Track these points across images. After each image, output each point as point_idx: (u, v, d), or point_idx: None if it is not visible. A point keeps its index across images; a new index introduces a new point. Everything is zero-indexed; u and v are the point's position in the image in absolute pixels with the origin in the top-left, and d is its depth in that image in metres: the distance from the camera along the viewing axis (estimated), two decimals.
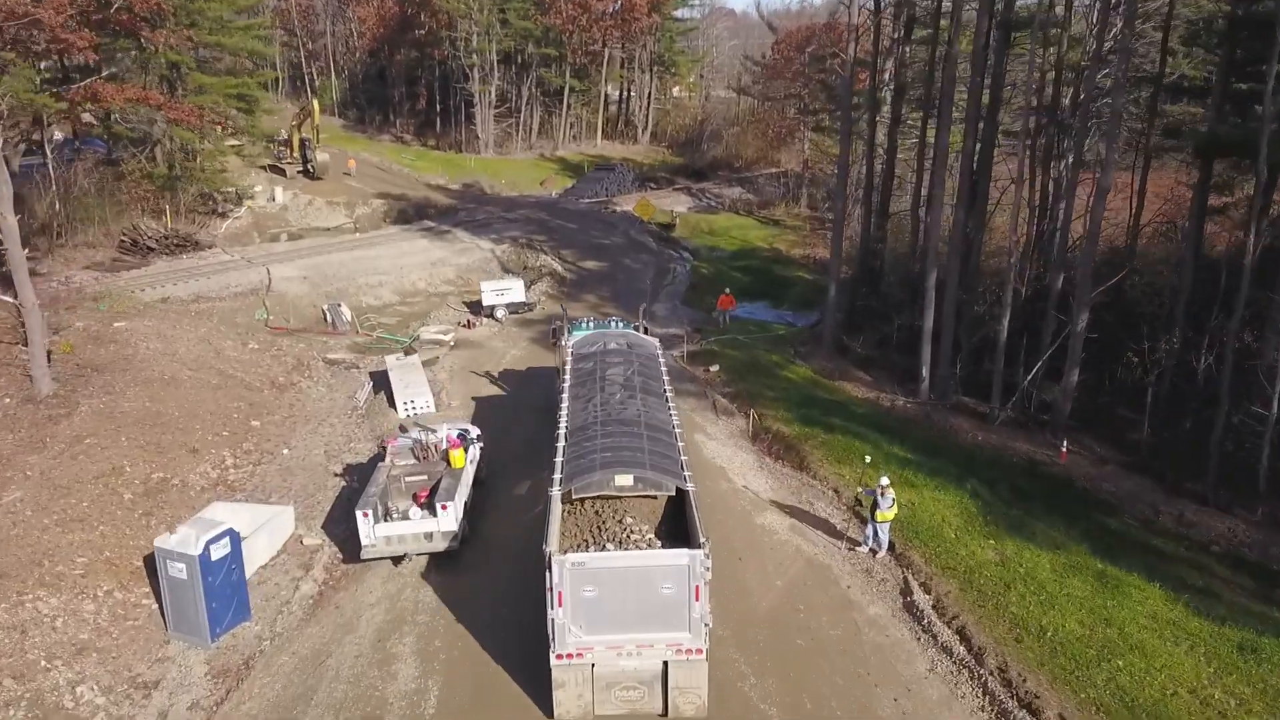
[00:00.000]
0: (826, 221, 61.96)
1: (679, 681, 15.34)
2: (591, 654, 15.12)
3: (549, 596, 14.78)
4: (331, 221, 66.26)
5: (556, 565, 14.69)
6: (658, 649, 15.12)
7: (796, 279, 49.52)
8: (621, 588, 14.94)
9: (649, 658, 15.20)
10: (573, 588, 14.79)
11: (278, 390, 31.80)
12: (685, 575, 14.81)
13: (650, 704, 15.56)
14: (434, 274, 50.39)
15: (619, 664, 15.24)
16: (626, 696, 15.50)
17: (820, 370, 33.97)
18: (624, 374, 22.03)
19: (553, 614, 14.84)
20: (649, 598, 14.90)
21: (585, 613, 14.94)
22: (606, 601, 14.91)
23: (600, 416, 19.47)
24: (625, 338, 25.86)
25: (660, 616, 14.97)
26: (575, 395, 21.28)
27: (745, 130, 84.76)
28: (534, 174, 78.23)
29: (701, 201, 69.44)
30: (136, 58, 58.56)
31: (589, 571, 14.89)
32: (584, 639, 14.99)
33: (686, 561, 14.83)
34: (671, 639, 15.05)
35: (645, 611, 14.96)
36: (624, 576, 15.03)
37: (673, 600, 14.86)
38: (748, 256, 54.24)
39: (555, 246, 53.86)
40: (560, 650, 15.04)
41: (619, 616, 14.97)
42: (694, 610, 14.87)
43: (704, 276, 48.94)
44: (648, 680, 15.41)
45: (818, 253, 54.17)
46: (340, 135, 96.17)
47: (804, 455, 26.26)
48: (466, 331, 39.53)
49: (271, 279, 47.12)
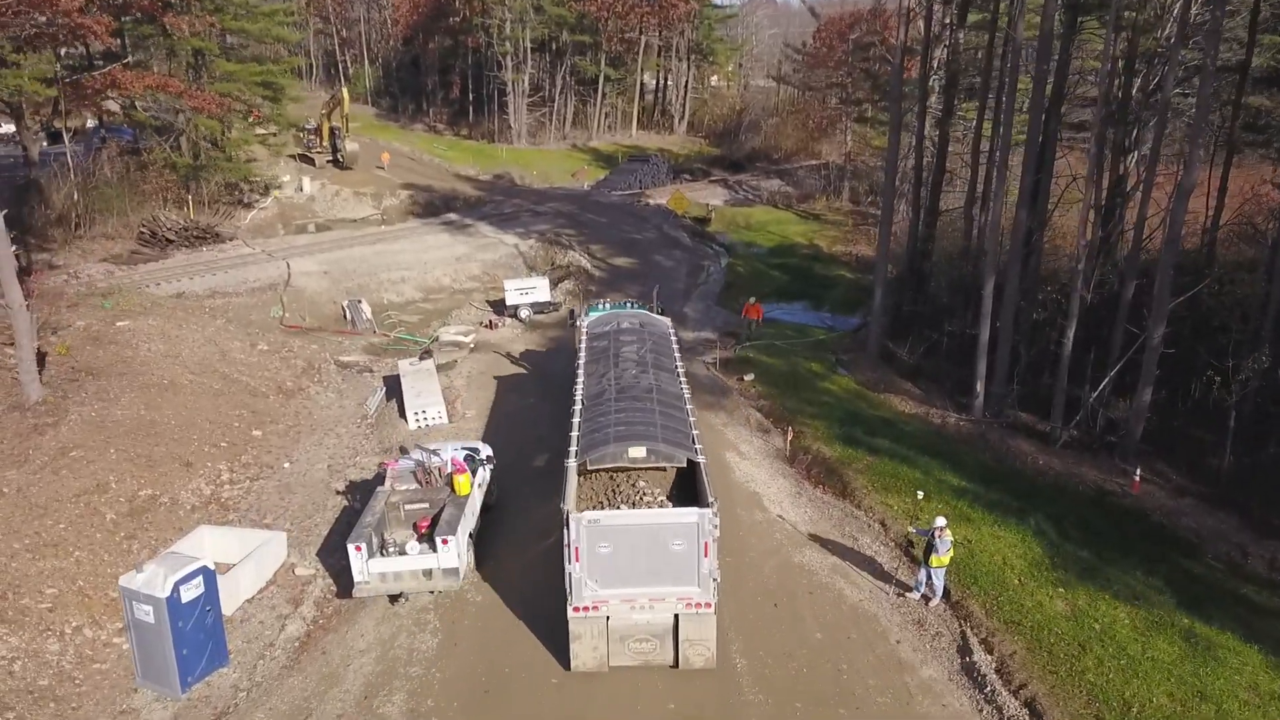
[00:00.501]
0: (869, 217, 59.07)
1: (689, 634, 15.97)
2: (606, 607, 15.78)
3: (566, 552, 15.46)
4: (358, 213, 64.58)
5: (574, 522, 15.34)
6: (669, 603, 15.77)
7: (838, 278, 46.79)
8: (635, 544, 15.58)
9: (660, 611, 15.85)
10: (589, 544, 15.44)
11: (284, 396, 29.87)
12: (695, 533, 15.42)
13: (662, 656, 16.21)
14: (458, 270, 48.37)
15: (632, 617, 15.90)
16: (639, 648, 16.17)
17: (864, 381, 31.34)
18: (637, 351, 22.83)
19: (570, 569, 15.51)
20: (660, 554, 15.56)
21: (600, 568, 15.59)
22: (621, 557, 15.56)
23: (614, 391, 20.10)
24: (638, 317, 26.48)
25: (671, 572, 15.63)
26: (590, 371, 21.98)
27: (785, 121, 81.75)
28: (566, 165, 76.00)
29: (738, 194, 66.76)
30: (161, 44, 57.21)
31: (604, 528, 15.53)
32: (599, 593, 15.66)
33: (696, 519, 15.44)
34: (682, 593, 15.70)
35: (657, 567, 15.62)
36: (637, 533, 15.66)
37: (683, 556, 15.52)
38: (786, 254, 51.56)
39: (584, 242, 51.58)
40: (577, 604, 15.70)
41: (632, 572, 15.62)
42: (703, 566, 15.52)
43: (740, 275, 46.38)
44: (659, 633, 16.06)
45: (860, 250, 51.35)
46: (373, 124, 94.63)
47: (847, 481, 23.73)
48: (488, 333, 37.38)
49: (291, 274, 45.36)
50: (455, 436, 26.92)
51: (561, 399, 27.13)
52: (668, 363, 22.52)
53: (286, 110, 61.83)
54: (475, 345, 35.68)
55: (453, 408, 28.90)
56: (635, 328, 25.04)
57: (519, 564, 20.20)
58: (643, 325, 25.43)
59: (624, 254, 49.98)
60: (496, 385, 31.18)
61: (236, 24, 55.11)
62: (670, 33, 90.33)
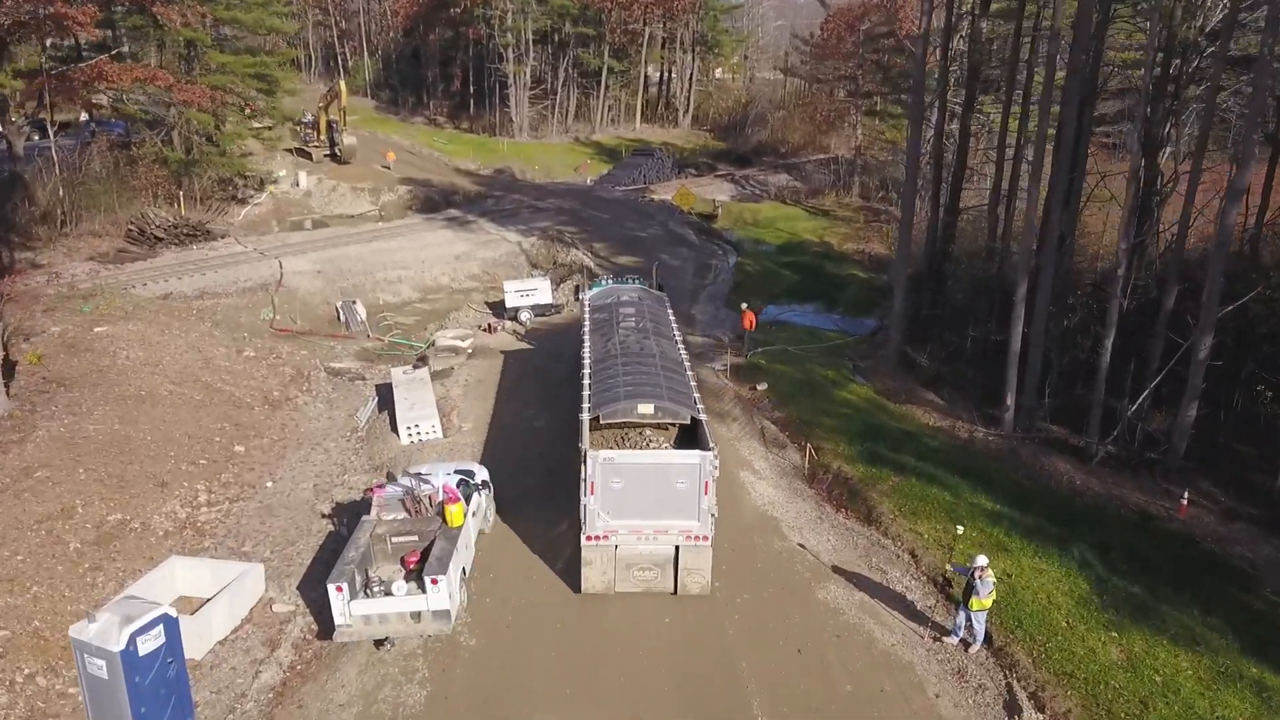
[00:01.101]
0: (881, 213, 57.10)
1: (688, 563, 17.69)
2: (615, 537, 17.46)
3: (582, 486, 17.13)
4: (356, 208, 62.66)
5: (590, 459, 16.96)
6: (671, 535, 17.46)
7: (850, 278, 44.82)
8: (643, 481, 17.17)
9: (663, 542, 17.56)
10: (602, 480, 17.01)
11: (270, 407, 28.00)
12: (696, 473, 17.01)
13: (663, 583, 17.91)
14: (457, 269, 46.47)
15: (638, 547, 17.58)
16: (643, 576, 17.79)
17: (884, 390, 29.44)
18: (637, 320, 24.66)
19: (585, 501, 17.18)
20: (665, 491, 17.13)
21: (612, 501, 17.19)
22: (630, 493, 17.15)
23: (620, 353, 21.79)
24: (637, 291, 28.41)
25: (674, 507, 17.23)
26: (594, 338, 23.68)
27: (792, 114, 79.60)
28: (568, 159, 73.99)
29: (745, 189, 64.74)
30: (153, 35, 55.23)
31: (616, 466, 17.10)
32: (610, 523, 17.30)
33: (698, 461, 17.05)
34: (683, 526, 17.35)
35: (662, 503, 17.20)
36: (645, 471, 17.26)
37: (685, 494, 17.12)
38: (796, 251, 49.57)
39: (587, 239, 49.63)
40: (590, 532, 17.38)
41: (640, 506, 17.23)
42: (702, 503, 17.17)
43: (749, 275, 44.40)
44: (661, 562, 17.76)
45: (873, 248, 49.37)
46: (373, 117, 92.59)
47: (872, 504, 21.85)
48: (487, 337, 35.48)
49: (283, 274, 43.50)
50: (450, 453, 25.09)
51: (566, 410, 25.36)
52: (666, 330, 24.51)
53: (282, 103, 59.86)
54: (473, 350, 33.80)
55: (448, 420, 27.04)
56: (634, 300, 27.00)
57: (518, 601, 18.35)
58: (640, 298, 27.37)
59: (628, 252, 48.03)
60: (496, 394, 29.31)
61: (229, 14, 53.09)
62: (675, 24, 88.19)
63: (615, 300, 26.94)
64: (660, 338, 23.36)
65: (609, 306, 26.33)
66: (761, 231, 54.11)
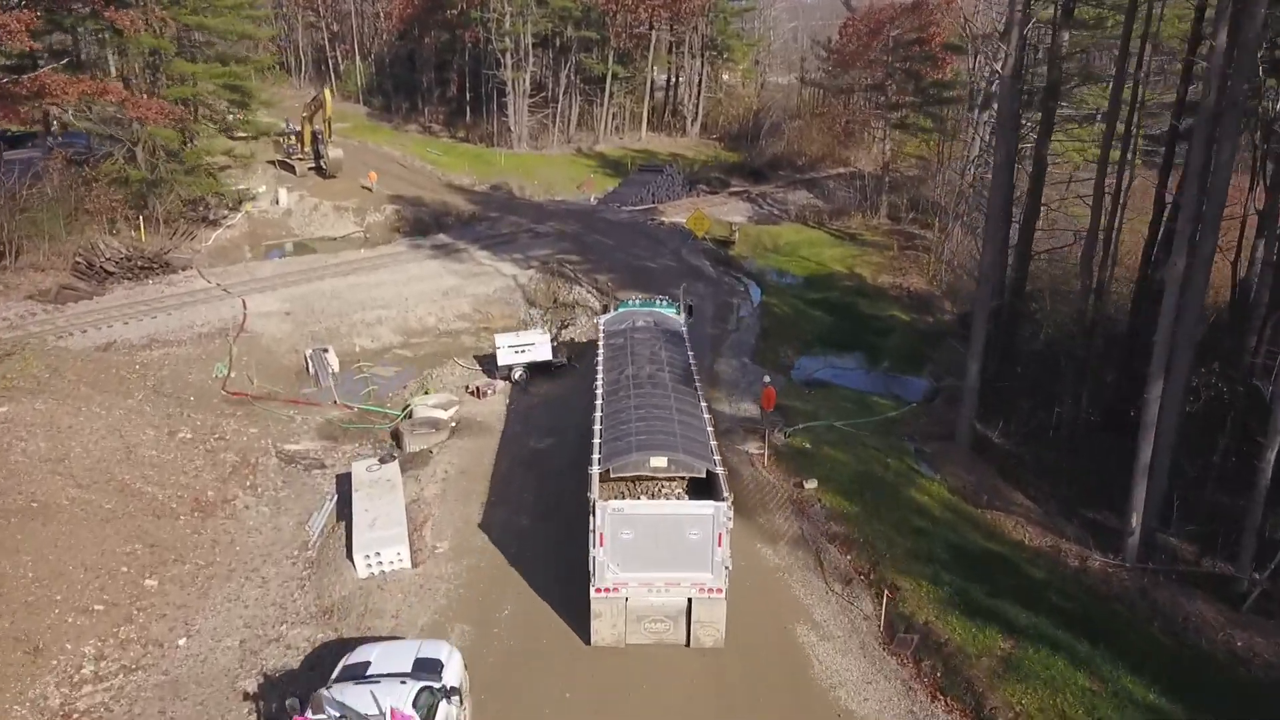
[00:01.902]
0: (914, 238, 51.29)
1: (701, 616, 16.87)
2: (626, 589, 16.67)
3: (591, 537, 16.34)
4: (339, 230, 56.91)
5: (599, 510, 16.29)
6: (683, 587, 16.67)
7: (891, 321, 39.04)
8: (654, 532, 16.41)
9: (675, 594, 16.75)
10: (612, 530, 16.30)
11: (200, 515, 22.25)
12: (710, 524, 16.20)
13: (675, 635, 17.08)
14: (445, 307, 40.68)
15: (649, 599, 16.81)
16: (654, 628, 17.04)
17: (961, 489, 23.64)
18: (651, 354, 23.34)
19: (594, 553, 16.40)
20: (677, 542, 16.37)
21: (622, 553, 16.42)
22: (641, 544, 16.40)
23: (632, 389, 20.67)
24: (652, 315, 27.02)
25: (686, 559, 16.43)
26: (608, 373, 22.51)
27: (809, 124, 73.71)
28: (570, 173, 68.18)
29: (762, 209, 58.90)
30: (110, 42, 49.47)
31: (626, 517, 16.35)
32: (620, 575, 16.54)
33: (711, 511, 16.24)
34: (696, 579, 16.56)
35: (674, 554, 16.43)
36: (657, 522, 16.48)
37: (698, 545, 16.30)
38: (824, 285, 43.78)
39: (590, 270, 43.84)
40: (599, 585, 16.63)
41: (651, 557, 16.47)
42: (716, 554, 16.34)
43: (777, 318, 38.57)
44: (673, 615, 16.97)
45: (911, 283, 43.59)
46: (364, 125, 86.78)
47: (981, 694, 16.08)
48: (475, 404, 29.71)
49: (247, 315, 37.78)
50: (421, 589, 19.35)
51: (574, 517, 19.65)
52: (682, 362, 23.16)
53: (257, 116, 54.09)
54: (458, 423, 28.05)
55: (419, 536, 21.28)
56: (650, 327, 25.69)
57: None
58: (657, 324, 26.04)
59: (637, 285, 42.13)
60: (484, 493, 23.53)
61: (195, 19, 47.28)
62: (683, 27, 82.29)
63: (630, 327, 25.73)
64: (675, 377, 22.01)
65: (624, 333, 25.29)
66: (784, 260, 48.29)
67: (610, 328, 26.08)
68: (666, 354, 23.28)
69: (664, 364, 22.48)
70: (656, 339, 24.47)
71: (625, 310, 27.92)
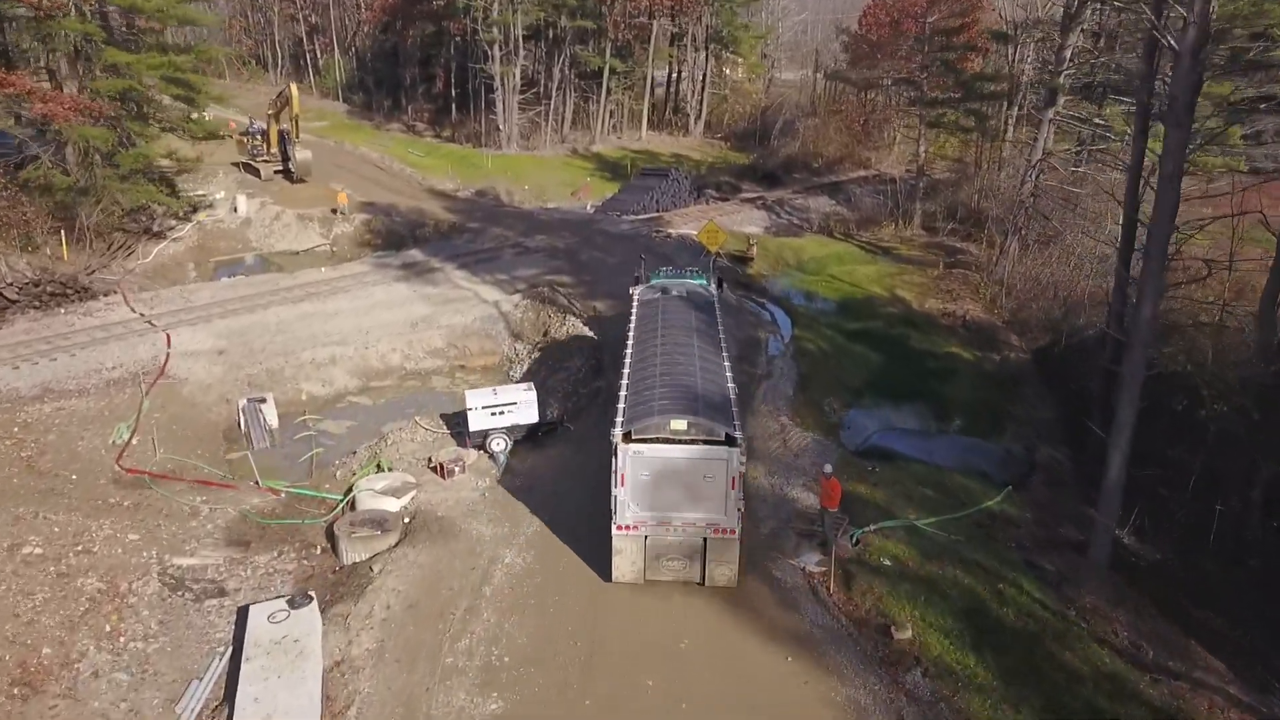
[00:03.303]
0: (955, 252, 44.12)
1: (715, 555, 17.55)
2: (645, 528, 17.46)
3: (613, 478, 17.14)
4: (302, 242, 49.50)
5: (621, 451, 17.00)
6: (699, 527, 17.38)
7: (950, 359, 31.87)
8: (672, 475, 17.18)
9: (691, 534, 17.48)
10: (633, 471, 17.10)
11: (23, 692, 15.02)
12: (724, 468, 16.96)
13: (691, 573, 17.80)
14: (414, 342, 33.44)
15: (666, 538, 17.56)
16: (671, 566, 17.76)
17: (1127, 648, 16.32)
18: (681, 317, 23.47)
19: (616, 492, 17.23)
20: (694, 484, 17.17)
21: (642, 493, 17.27)
22: (659, 486, 17.24)
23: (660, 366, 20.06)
24: (685, 286, 26.62)
25: (703, 501, 17.22)
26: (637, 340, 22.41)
27: (826, 122, 66.39)
28: (564, 176, 60.91)
29: (780, 218, 51.68)
30: (26, 26, 42.07)
31: (646, 459, 17.12)
32: (640, 514, 17.37)
33: (726, 456, 16.93)
34: (711, 519, 17.29)
35: (691, 496, 17.24)
36: (675, 465, 17.15)
37: (713, 488, 17.07)
38: (863, 312, 36.60)
39: (586, 295, 36.67)
40: (620, 522, 17.39)
41: (669, 499, 17.29)
42: (730, 497, 17.07)
43: (814, 357, 31.35)
44: (689, 553, 17.66)
45: (966, 308, 36.43)
46: (343, 123, 79.41)
47: None
48: (438, 488, 22.49)
49: (170, 356, 30.57)
50: None
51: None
52: (712, 331, 22.92)
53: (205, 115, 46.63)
54: (412, 517, 20.89)
55: None
56: (682, 295, 25.59)
57: None
58: (689, 294, 25.82)
59: None
60: (438, 650, 16.30)
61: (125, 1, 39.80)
62: (686, 18, 74.97)
63: (662, 295, 25.70)
64: (703, 344, 21.74)
65: (655, 301, 25.23)
66: (812, 280, 41.12)
67: (643, 296, 26.09)
68: (696, 321, 23.20)
69: (693, 330, 22.43)
70: (687, 307, 24.43)
71: (658, 281, 27.45)
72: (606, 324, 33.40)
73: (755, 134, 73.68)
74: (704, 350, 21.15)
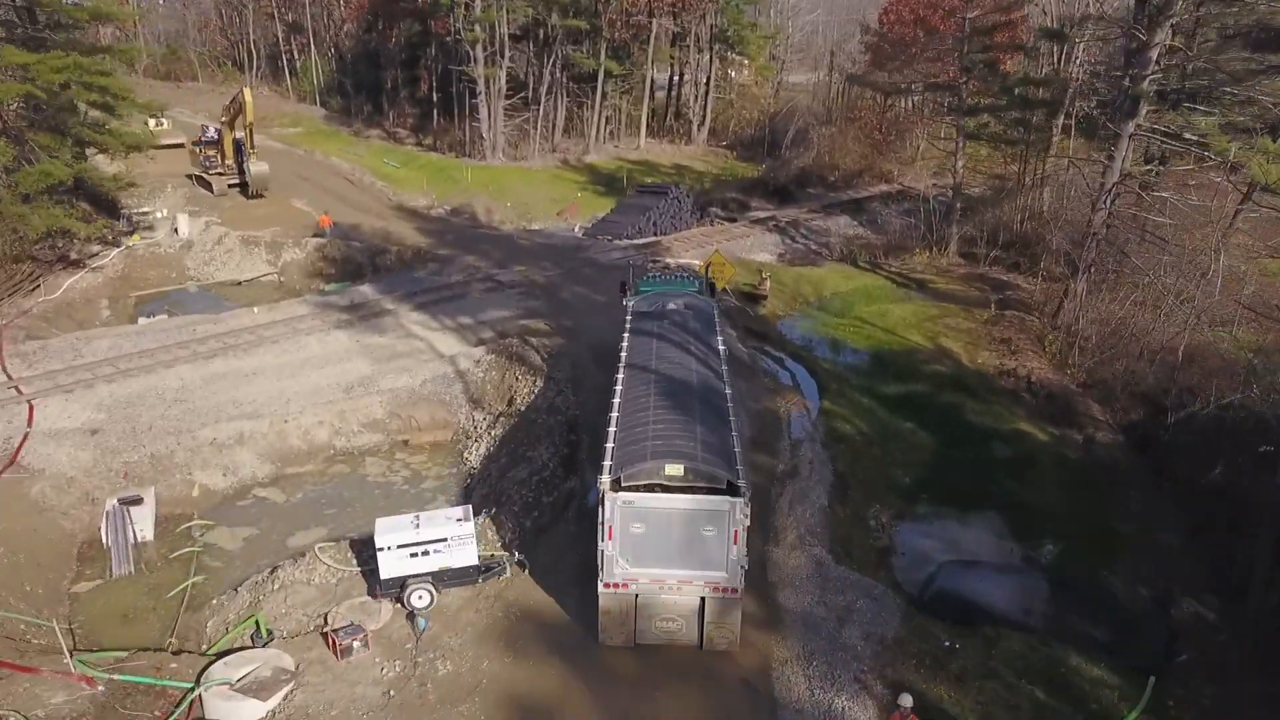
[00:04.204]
0: (1006, 288, 36.94)
1: (714, 617, 15.64)
2: (636, 585, 15.51)
3: (600, 530, 15.23)
4: (246, 269, 42.45)
5: (609, 501, 15.09)
6: (696, 586, 15.45)
7: (1019, 439, 24.73)
8: (667, 527, 15.24)
9: (688, 593, 15.54)
10: (622, 524, 15.18)
11: None
12: (726, 520, 15.03)
13: (687, 635, 15.88)
14: (346, 413, 26.43)
15: (660, 597, 15.59)
16: (666, 627, 15.81)
17: None
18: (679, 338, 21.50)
19: (603, 546, 15.26)
20: (691, 538, 15.22)
21: (633, 547, 15.31)
22: (653, 539, 15.26)
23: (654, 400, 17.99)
24: (683, 298, 24.61)
25: (701, 556, 15.25)
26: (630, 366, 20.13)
27: (844, 130, 59.14)
28: (552, 191, 53.87)
29: (794, 242, 44.54)
30: None
31: (638, 510, 15.21)
32: (630, 571, 15.39)
33: (728, 507, 14.99)
34: (710, 577, 15.34)
35: (687, 551, 15.28)
36: (670, 517, 15.23)
37: (713, 542, 15.13)
38: (903, 370, 29.47)
39: (565, 345, 29.66)
40: (608, 580, 15.44)
41: (663, 553, 15.32)
42: (732, 553, 15.10)
43: (851, 443, 24.09)
44: (686, 614, 15.74)
45: (1029, 367, 29.27)
46: (319, 130, 72.44)
47: None
48: (328, 675, 15.46)
49: (27, 437, 23.61)
50: None
51: None
52: (713, 356, 20.95)
53: (127, 125, 39.53)
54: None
55: None
56: (679, 310, 23.60)
57: None
58: (688, 307, 23.88)
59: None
60: None
61: None
62: (689, 16, 67.83)
63: (659, 311, 23.23)
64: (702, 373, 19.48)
65: (652, 317, 22.83)
66: (837, 324, 34.03)
67: (637, 309, 23.99)
68: (695, 344, 21.31)
69: (690, 355, 20.55)
70: (685, 326, 22.45)
71: (648, 291, 25.49)
72: (588, 389, 26.37)
73: (764, 142, 66.59)
74: (704, 380, 19.09)
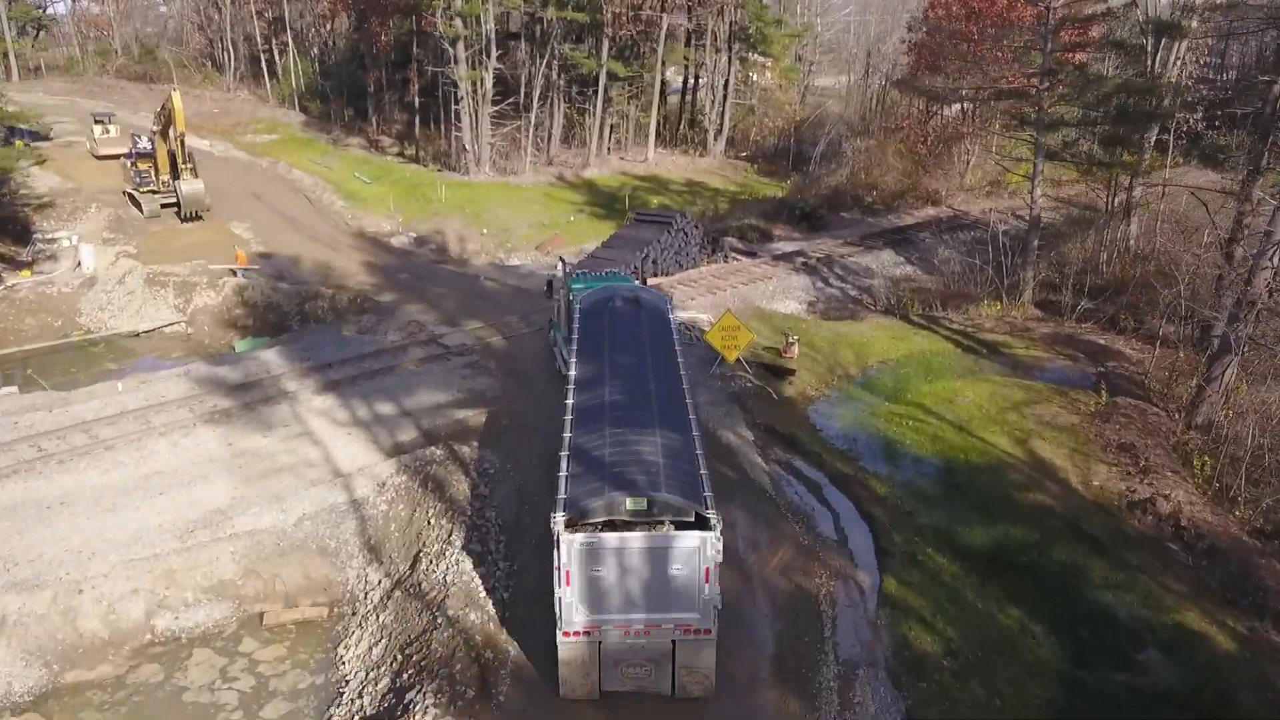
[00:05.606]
0: (1107, 355, 27.66)
1: (687, 661, 14.18)
2: (599, 632, 14.00)
3: (556, 575, 13.61)
4: (148, 317, 33.61)
5: (564, 544, 13.45)
6: (666, 629, 13.96)
7: (1191, 646, 15.63)
8: (631, 568, 13.73)
9: (657, 637, 14.03)
10: (581, 567, 13.63)
11: None
12: (696, 557, 13.60)
13: (658, 683, 14.38)
14: (179, 569, 17.65)
15: (626, 642, 14.09)
16: (634, 674, 14.38)
17: None
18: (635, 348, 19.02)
19: (560, 593, 13.66)
20: (658, 578, 13.74)
21: (593, 592, 13.78)
22: (615, 582, 13.76)
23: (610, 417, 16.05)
24: (631, 292, 22.07)
25: (670, 596, 13.77)
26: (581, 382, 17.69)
27: (883, 144, 49.72)
28: (541, 212, 45.06)
29: (828, 286, 35.40)
30: None
31: (597, 551, 13.64)
32: (592, 618, 13.87)
33: (697, 544, 13.54)
34: (680, 619, 13.87)
35: (655, 591, 13.78)
36: (633, 557, 13.70)
37: (683, 581, 13.70)
38: (989, 500, 20.31)
39: (515, 450, 20.82)
40: (567, 629, 13.89)
41: (628, 597, 13.84)
42: (704, 592, 13.68)
43: (933, 669, 15.09)
44: (655, 659, 14.26)
45: (1172, 497, 20.00)
46: (295, 138, 63.87)
47: None
48: None
49: None
50: None
51: None
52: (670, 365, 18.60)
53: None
54: None
55: None
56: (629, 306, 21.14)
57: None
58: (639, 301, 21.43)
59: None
60: None
61: None
62: (704, 11, 58.75)
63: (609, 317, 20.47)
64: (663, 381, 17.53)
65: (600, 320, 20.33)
66: (889, 414, 24.83)
67: (586, 306, 21.03)
68: (652, 352, 18.70)
69: (649, 365, 18.03)
70: (639, 329, 19.74)
71: (581, 289, 22.55)
72: (530, 546, 17.45)
73: (789, 155, 57.39)
74: (663, 394, 16.76)
